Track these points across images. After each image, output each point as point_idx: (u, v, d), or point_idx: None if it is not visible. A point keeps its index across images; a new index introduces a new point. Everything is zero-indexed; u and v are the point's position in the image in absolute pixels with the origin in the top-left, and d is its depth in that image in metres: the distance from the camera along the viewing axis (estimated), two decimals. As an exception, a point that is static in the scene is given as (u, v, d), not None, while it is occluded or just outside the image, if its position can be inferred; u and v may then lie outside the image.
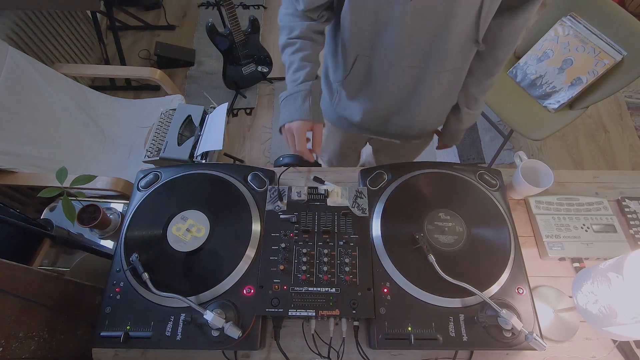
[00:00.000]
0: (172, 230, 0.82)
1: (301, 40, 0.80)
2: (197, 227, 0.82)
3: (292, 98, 0.78)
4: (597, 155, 2.12)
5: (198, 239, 0.81)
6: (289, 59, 0.80)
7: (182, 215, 0.84)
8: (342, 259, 0.78)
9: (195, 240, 0.80)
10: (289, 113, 0.78)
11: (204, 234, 0.81)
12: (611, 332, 0.62)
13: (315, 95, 0.80)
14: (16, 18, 1.72)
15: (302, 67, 0.79)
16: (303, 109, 0.77)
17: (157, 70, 1.68)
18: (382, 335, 0.72)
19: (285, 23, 0.81)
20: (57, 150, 1.56)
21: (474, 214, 0.84)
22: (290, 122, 0.78)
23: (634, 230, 0.91)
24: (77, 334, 0.91)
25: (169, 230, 0.82)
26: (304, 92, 0.78)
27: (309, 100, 0.78)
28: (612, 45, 1.46)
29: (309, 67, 0.79)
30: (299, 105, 0.78)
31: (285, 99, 0.80)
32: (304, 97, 0.78)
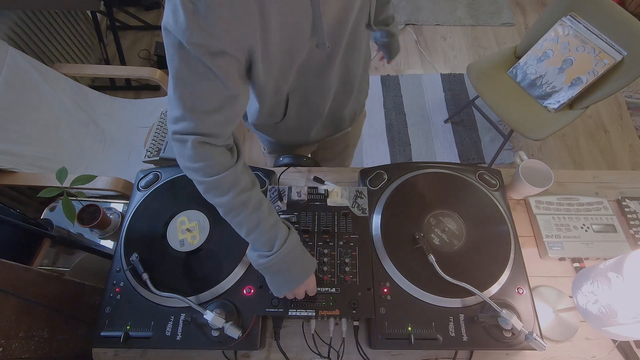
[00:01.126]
0: (172, 230, 0.82)
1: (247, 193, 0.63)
2: (197, 227, 0.82)
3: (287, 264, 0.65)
4: (597, 155, 2.12)
5: (198, 239, 0.81)
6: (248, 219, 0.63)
7: (182, 215, 0.84)
8: (342, 259, 0.78)
9: (195, 240, 0.80)
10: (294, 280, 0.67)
11: (204, 234, 0.81)
12: (611, 332, 0.62)
13: (301, 245, 0.68)
14: (16, 18, 1.72)
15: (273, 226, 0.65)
16: (304, 269, 0.67)
17: (157, 70, 1.68)
18: (382, 335, 0.72)
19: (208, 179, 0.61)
20: (57, 150, 1.56)
21: (474, 214, 0.84)
22: (303, 284, 0.68)
23: (634, 230, 0.91)
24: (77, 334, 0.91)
25: (169, 230, 0.82)
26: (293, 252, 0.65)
27: (302, 258, 0.68)
28: (612, 45, 1.46)
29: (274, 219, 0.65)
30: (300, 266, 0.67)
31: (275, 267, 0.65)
32: (298, 257, 0.67)
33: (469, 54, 2.51)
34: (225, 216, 0.65)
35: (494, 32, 2.61)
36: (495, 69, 1.81)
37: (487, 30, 2.62)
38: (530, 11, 2.70)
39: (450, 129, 2.21)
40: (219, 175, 0.61)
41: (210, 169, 0.61)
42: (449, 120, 2.23)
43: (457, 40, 2.56)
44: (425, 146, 2.16)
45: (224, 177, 0.61)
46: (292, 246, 0.65)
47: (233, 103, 0.59)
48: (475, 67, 1.81)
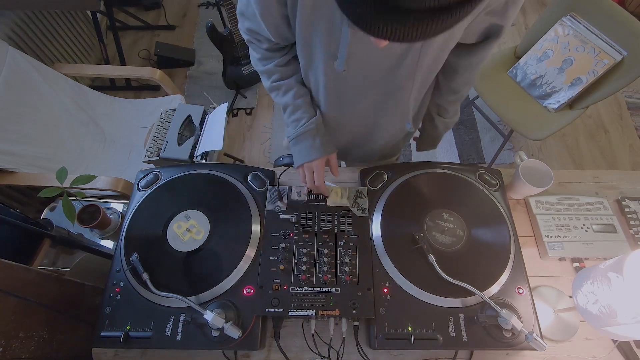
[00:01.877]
0: (172, 230, 0.82)
1: (284, 81, 0.81)
2: (197, 227, 0.82)
3: (303, 138, 0.81)
4: (597, 155, 2.12)
5: (198, 239, 0.81)
6: (281, 101, 0.83)
7: (182, 215, 0.84)
8: (342, 259, 0.78)
9: (195, 240, 0.80)
10: (305, 153, 0.81)
11: (204, 234, 0.81)
12: (611, 332, 0.62)
13: (322, 129, 0.83)
14: (16, 18, 1.72)
15: (298, 107, 0.81)
16: (316, 147, 0.81)
17: (157, 70, 1.68)
18: (382, 335, 0.72)
19: (261, 68, 0.82)
20: (57, 150, 1.56)
21: (474, 214, 0.84)
22: (311, 162, 0.81)
23: (634, 230, 0.91)
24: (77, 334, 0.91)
25: (169, 230, 0.82)
26: (311, 131, 0.81)
27: (319, 137, 0.81)
28: (612, 45, 1.46)
29: (303, 105, 0.81)
30: (311, 144, 0.81)
31: (295, 140, 0.82)
32: (313, 136, 0.81)
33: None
34: (270, 94, 0.85)
35: (494, 32, 2.60)
36: (495, 69, 1.81)
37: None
38: (530, 11, 2.70)
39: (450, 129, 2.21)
40: (264, 66, 0.80)
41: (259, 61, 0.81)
42: (449, 120, 2.23)
43: (457, 40, 2.56)
44: (425, 146, 2.16)
45: (266, 68, 0.80)
46: (309, 127, 0.81)
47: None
48: (475, 67, 1.81)
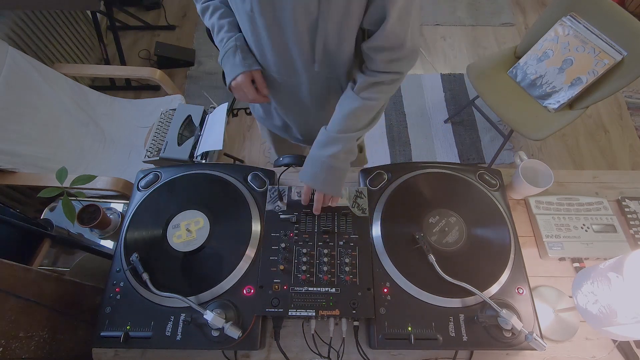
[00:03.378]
0: (172, 230, 0.82)
1: (212, 2, 0.85)
2: (197, 227, 0.82)
3: (226, 57, 0.83)
4: (597, 155, 2.12)
5: (198, 239, 0.81)
6: (209, 22, 0.86)
7: (182, 215, 0.84)
8: (342, 259, 0.78)
9: (195, 240, 0.80)
10: (229, 72, 0.83)
11: (204, 234, 0.81)
12: (611, 332, 0.62)
13: (243, 47, 0.82)
14: (16, 18, 1.72)
15: (221, 27, 0.83)
16: (237, 64, 0.82)
17: (157, 70, 1.68)
18: (382, 335, 0.72)
19: None
20: (57, 150, 1.56)
21: (474, 214, 0.84)
22: (235, 80, 0.83)
23: (634, 230, 0.91)
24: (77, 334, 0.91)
25: (169, 230, 0.82)
26: (231, 48, 0.82)
27: (238, 54, 0.82)
28: (612, 45, 1.46)
29: (226, 24, 0.83)
30: (232, 61, 0.82)
31: (222, 61, 0.84)
32: (233, 53, 0.82)
33: (469, 54, 2.51)
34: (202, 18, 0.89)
35: (494, 32, 2.61)
36: (495, 69, 1.81)
37: (487, 30, 2.62)
38: (530, 11, 2.70)
39: (450, 129, 2.21)
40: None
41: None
42: (449, 120, 2.23)
43: (457, 41, 2.56)
44: (425, 146, 2.16)
45: None
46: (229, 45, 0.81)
47: None
48: (475, 67, 1.81)
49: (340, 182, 0.79)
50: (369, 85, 0.78)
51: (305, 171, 0.80)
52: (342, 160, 0.78)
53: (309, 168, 0.79)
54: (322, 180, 0.78)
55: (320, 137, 0.80)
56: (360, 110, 0.78)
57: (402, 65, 0.77)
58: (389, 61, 0.74)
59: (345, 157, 0.78)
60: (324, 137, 0.79)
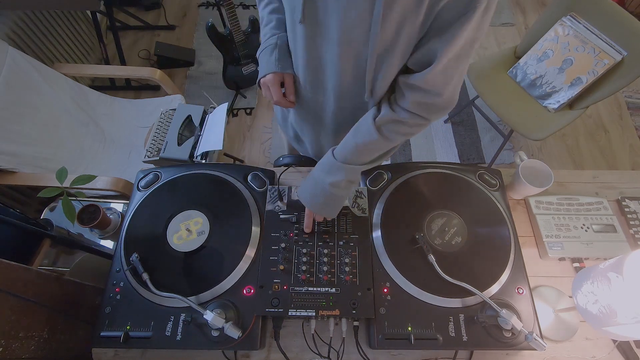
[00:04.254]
0: (172, 230, 0.82)
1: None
2: (197, 227, 0.82)
3: (263, 53, 0.81)
4: (597, 155, 2.12)
5: (198, 239, 0.81)
6: (261, 14, 0.84)
7: (182, 215, 0.84)
8: (342, 259, 0.78)
9: (195, 240, 0.80)
10: (262, 68, 0.81)
11: (204, 234, 0.81)
12: (611, 332, 0.62)
13: (282, 46, 0.80)
14: (16, 18, 1.72)
15: (269, 21, 0.81)
16: (271, 63, 0.79)
17: (157, 70, 1.68)
18: (382, 335, 0.72)
19: None
20: (57, 150, 1.56)
21: (474, 214, 0.84)
22: (264, 77, 0.80)
23: (634, 230, 0.91)
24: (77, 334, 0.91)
25: (169, 230, 0.82)
26: (270, 46, 0.80)
27: (275, 53, 0.79)
28: (612, 45, 1.46)
29: (274, 20, 0.81)
30: (268, 59, 0.80)
31: (259, 55, 0.82)
32: (271, 50, 0.79)
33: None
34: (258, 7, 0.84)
35: (494, 32, 2.61)
36: (495, 69, 1.81)
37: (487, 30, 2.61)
38: (530, 11, 2.70)
39: (450, 129, 2.21)
40: None
41: None
42: (449, 120, 2.23)
43: (457, 40, 2.56)
44: (425, 146, 2.16)
45: None
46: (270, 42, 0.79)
47: None
48: (475, 67, 1.81)
49: (338, 207, 0.78)
50: (392, 121, 0.71)
51: (305, 189, 0.78)
52: (344, 188, 0.75)
53: (310, 189, 0.77)
54: (320, 204, 0.76)
55: (325, 160, 0.77)
56: (374, 145, 0.73)
57: (432, 113, 0.70)
58: (420, 104, 0.68)
59: (346, 186, 0.75)
60: (330, 163, 0.75)
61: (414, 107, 0.69)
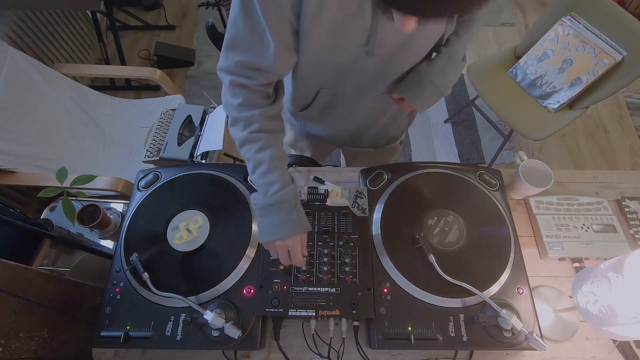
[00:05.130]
0: (172, 230, 0.82)
1: (265, 134, 0.70)
2: (197, 227, 0.82)
3: (276, 208, 0.68)
4: (597, 155, 2.12)
5: (198, 239, 0.80)
6: (254, 157, 0.69)
7: (182, 215, 0.84)
8: (342, 259, 0.78)
9: (195, 240, 0.80)
10: (277, 228, 0.69)
11: (204, 234, 0.81)
12: (611, 332, 0.62)
13: (299, 202, 0.71)
14: (16, 18, 1.72)
15: (274, 169, 0.69)
16: (292, 222, 0.68)
17: (157, 70, 1.68)
18: (382, 335, 0.72)
19: (237, 115, 0.70)
20: (57, 150, 1.56)
21: (474, 214, 0.84)
22: (285, 239, 0.69)
23: (634, 230, 0.91)
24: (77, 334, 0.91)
25: (169, 230, 0.82)
26: (287, 201, 0.68)
27: (295, 211, 0.69)
28: (612, 45, 1.46)
29: (280, 167, 0.69)
30: (286, 217, 0.68)
31: (266, 209, 0.69)
32: (289, 208, 0.68)
33: (468, 54, 2.50)
34: (239, 149, 0.71)
35: (494, 32, 2.61)
36: (495, 69, 1.81)
37: (487, 30, 2.62)
38: (530, 11, 2.70)
39: (450, 129, 2.21)
40: (244, 112, 0.69)
41: (239, 107, 0.69)
42: (449, 120, 2.23)
43: (457, 40, 2.56)
44: (425, 146, 2.16)
45: (246, 115, 0.69)
46: (287, 197, 0.68)
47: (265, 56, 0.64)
48: (475, 67, 1.81)
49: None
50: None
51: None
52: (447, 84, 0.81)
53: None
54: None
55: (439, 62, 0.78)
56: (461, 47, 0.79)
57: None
58: None
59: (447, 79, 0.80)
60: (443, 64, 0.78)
61: None
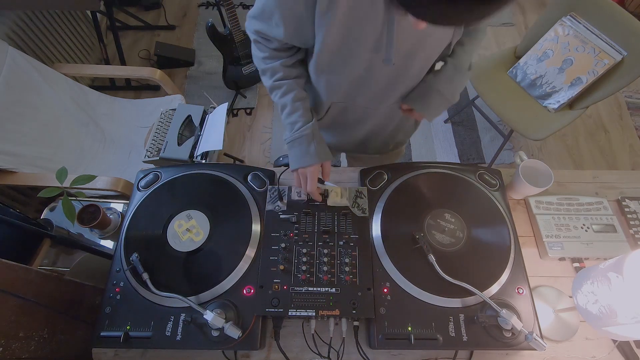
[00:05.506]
0: (172, 230, 0.82)
1: (287, 81, 0.81)
2: (197, 227, 0.82)
3: (298, 143, 0.80)
4: (597, 155, 2.12)
5: (198, 239, 0.81)
6: (280, 101, 0.82)
7: (182, 215, 0.84)
8: (342, 259, 0.78)
9: (195, 240, 0.80)
10: (299, 158, 0.80)
11: (204, 234, 0.81)
12: (611, 332, 0.62)
13: (317, 135, 0.81)
14: (16, 18, 1.72)
15: (296, 110, 0.80)
16: (311, 154, 0.79)
17: (157, 70, 1.68)
18: (382, 335, 0.72)
19: (264, 66, 0.82)
20: (57, 150, 1.56)
21: (474, 214, 0.84)
22: (304, 168, 0.80)
23: (634, 230, 0.91)
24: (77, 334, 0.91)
25: (169, 230, 0.82)
26: (306, 136, 0.80)
27: (313, 144, 0.80)
28: (612, 45, 1.46)
29: (301, 108, 0.81)
30: (306, 149, 0.80)
31: (291, 143, 0.81)
32: (308, 141, 0.80)
33: (469, 54, 2.51)
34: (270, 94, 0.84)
35: (494, 32, 2.61)
36: (495, 69, 1.81)
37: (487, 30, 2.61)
38: (530, 11, 2.70)
39: (450, 129, 2.21)
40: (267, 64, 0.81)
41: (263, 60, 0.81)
42: (449, 120, 2.23)
43: (457, 40, 2.56)
44: (425, 146, 2.16)
45: (270, 66, 0.81)
46: (305, 132, 0.80)
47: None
48: (475, 67, 1.81)
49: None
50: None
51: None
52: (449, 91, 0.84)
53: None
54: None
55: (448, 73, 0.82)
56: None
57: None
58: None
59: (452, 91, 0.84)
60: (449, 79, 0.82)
61: None
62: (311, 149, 0.80)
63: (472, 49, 0.83)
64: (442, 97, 0.84)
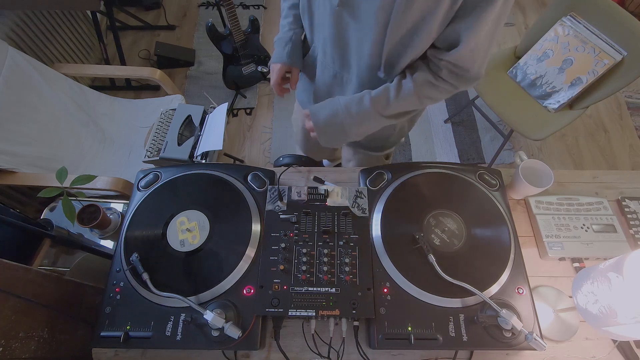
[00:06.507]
0: (172, 230, 0.82)
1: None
2: (197, 227, 0.82)
3: (278, 43, 0.92)
4: (597, 155, 2.12)
5: (198, 239, 0.81)
6: (282, 5, 0.93)
7: (182, 215, 0.84)
8: (342, 259, 0.78)
9: (195, 240, 0.80)
10: (274, 55, 0.93)
11: (204, 234, 0.81)
12: (611, 332, 0.62)
13: (295, 42, 0.91)
14: (16, 18, 1.72)
15: (287, 16, 0.91)
16: (283, 54, 0.90)
17: (157, 70, 1.68)
18: (382, 335, 0.72)
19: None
20: (57, 150, 1.56)
21: (474, 214, 0.84)
22: (274, 63, 0.92)
23: (634, 230, 0.91)
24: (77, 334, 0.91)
25: (169, 230, 0.82)
26: (285, 39, 0.91)
27: (288, 46, 0.90)
28: (612, 45, 1.45)
29: (291, 16, 0.91)
30: (281, 50, 0.91)
31: (276, 43, 0.93)
32: (285, 43, 0.91)
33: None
34: None
35: (494, 32, 2.60)
36: (495, 69, 1.81)
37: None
38: (530, 11, 2.70)
39: (450, 129, 2.21)
40: None
41: None
42: (448, 120, 2.23)
43: (457, 40, 2.56)
44: (425, 146, 2.16)
45: None
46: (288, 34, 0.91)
47: None
48: (475, 67, 1.81)
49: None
50: (426, 83, 0.75)
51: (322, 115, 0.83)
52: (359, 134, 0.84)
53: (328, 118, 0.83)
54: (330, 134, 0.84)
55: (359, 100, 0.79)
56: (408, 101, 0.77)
57: (460, 83, 0.74)
58: (451, 73, 0.72)
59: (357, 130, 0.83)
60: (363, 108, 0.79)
61: (445, 75, 0.73)
62: (286, 49, 0.90)
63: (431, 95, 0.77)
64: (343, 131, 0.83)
